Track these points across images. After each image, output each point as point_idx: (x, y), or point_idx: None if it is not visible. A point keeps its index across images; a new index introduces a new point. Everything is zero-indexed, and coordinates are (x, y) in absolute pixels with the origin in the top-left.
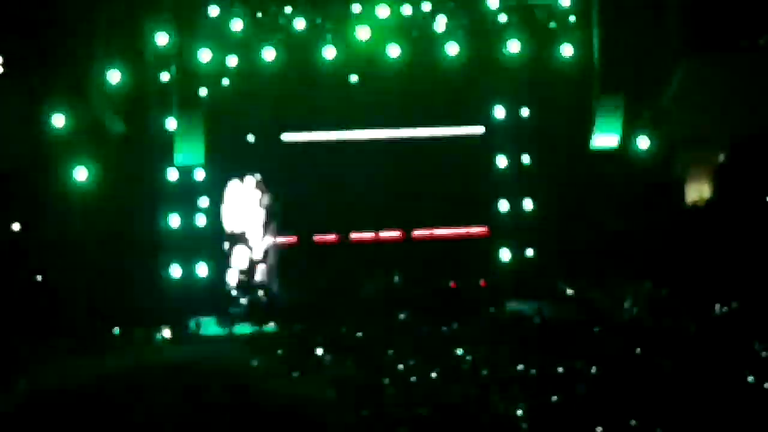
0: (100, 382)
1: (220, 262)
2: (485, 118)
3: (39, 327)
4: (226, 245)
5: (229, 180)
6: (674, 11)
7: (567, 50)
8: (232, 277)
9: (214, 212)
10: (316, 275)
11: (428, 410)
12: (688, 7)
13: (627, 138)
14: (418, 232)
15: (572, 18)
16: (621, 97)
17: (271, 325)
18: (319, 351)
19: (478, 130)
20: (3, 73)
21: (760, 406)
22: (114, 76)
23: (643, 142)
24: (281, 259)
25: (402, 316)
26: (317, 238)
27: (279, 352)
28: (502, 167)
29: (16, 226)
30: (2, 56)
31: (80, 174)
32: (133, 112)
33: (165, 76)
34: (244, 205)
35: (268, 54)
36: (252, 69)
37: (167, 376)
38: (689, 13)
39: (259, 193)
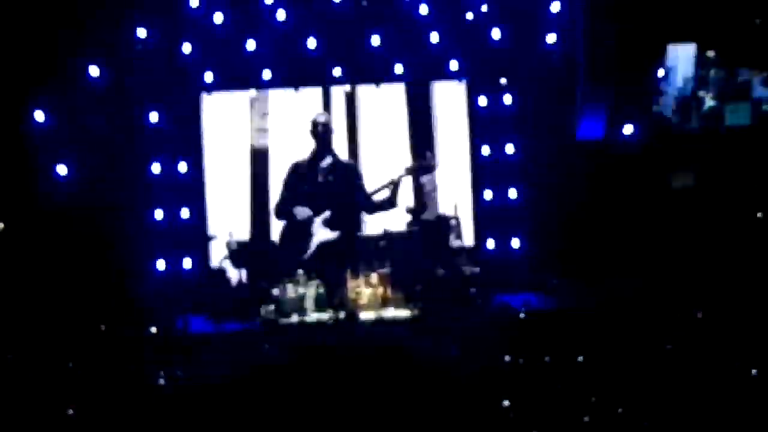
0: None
1: (207, 258)
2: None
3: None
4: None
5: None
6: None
7: (551, 38)
8: None
9: (199, 206)
10: None
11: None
12: None
13: (612, 127)
14: None
15: (556, 5)
16: (606, 87)
17: None
18: None
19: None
20: None
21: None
22: (95, 71)
23: (628, 131)
24: None
25: None
26: None
27: None
28: (486, 155)
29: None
30: None
31: (62, 170)
32: (115, 106)
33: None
34: None
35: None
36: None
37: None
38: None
39: None
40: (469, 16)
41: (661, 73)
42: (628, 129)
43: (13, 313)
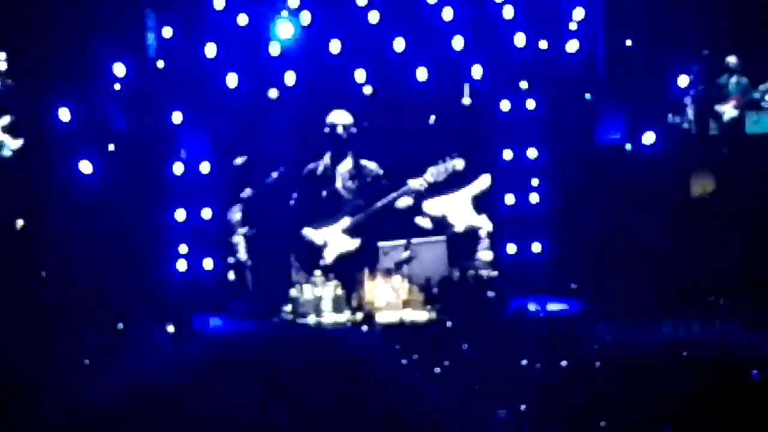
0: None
1: (226, 257)
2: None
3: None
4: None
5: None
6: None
7: (572, 45)
8: None
9: (220, 206)
10: None
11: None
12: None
13: (632, 133)
14: None
15: (579, 12)
16: (626, 93)
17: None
18: None
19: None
20: (7, 68)
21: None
22: (118, 70)
23: (648, 138)
24: None
25: None
26: None
27: None
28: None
29: (20, 222)
30: (5, 51)
31: (85, 168)
32: (137, 105)
33: (169, 70)
34: None
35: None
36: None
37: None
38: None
39: None
40: (493, 21)
41: (682, 81)
42: (648, 136)
43: (31, 310)
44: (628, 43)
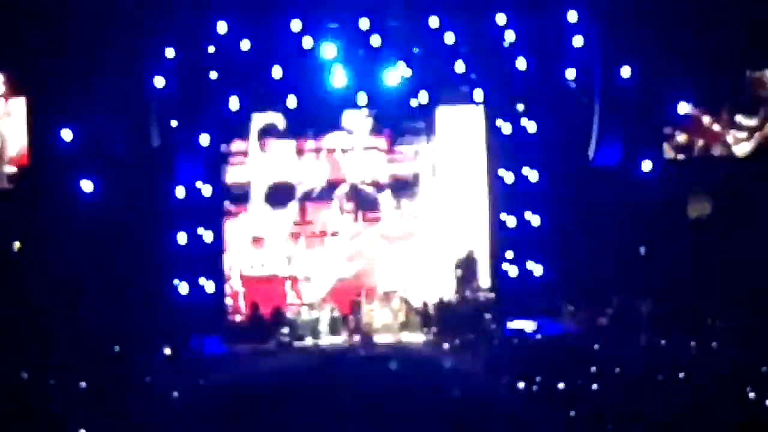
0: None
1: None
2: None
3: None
4: None
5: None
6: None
7: (572, 69)
8: None
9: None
10: None
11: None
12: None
13: (629, 156)
14: None
15: (577, 38)
16: (622, 117)
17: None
18: None
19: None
20: (12, 90)
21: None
22: (120, 92)
23: (646, 161)
24: None
25: None
26: None
27: None
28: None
29: (16, 245)
30: (4, 74)
31: (86, 187)
32: (137, 127)
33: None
34: None
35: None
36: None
37: None
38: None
39: None
40: (494, 45)
41: (681, 104)
42: (645, 162)
43: (28, 331)
44: (626, 70)
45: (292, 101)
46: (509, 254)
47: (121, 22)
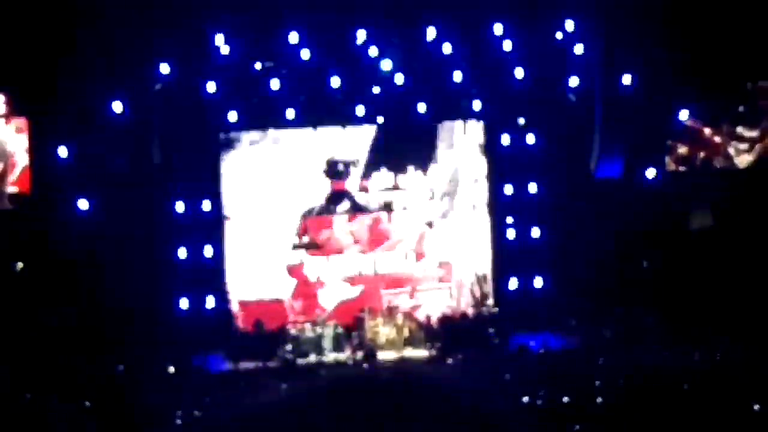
0: None
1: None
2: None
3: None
4: None
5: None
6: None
7: (573, 80)
8: None
9: (218, 245)
10: None
11: None
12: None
13: (631, 168)
14: None
15: (579, 48)
16: (623, 129)
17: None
18: None
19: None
20: (13, 111)
21: None
22: (118, 108)
23: (648, 172)
24: None
25: None
26: None
27: None
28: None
29: (19, 265)
30: (5, 95)
31: (83, 205)
32: (137, 143)
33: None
34: None
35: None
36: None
37: None
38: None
39: None
40: (492, 56)
41: (682, 115)
42: (647, 174)
43: (31, 351)
44: (627, 81)
45: (290, 114)
46: (512, 268)
47: (120, 38)
